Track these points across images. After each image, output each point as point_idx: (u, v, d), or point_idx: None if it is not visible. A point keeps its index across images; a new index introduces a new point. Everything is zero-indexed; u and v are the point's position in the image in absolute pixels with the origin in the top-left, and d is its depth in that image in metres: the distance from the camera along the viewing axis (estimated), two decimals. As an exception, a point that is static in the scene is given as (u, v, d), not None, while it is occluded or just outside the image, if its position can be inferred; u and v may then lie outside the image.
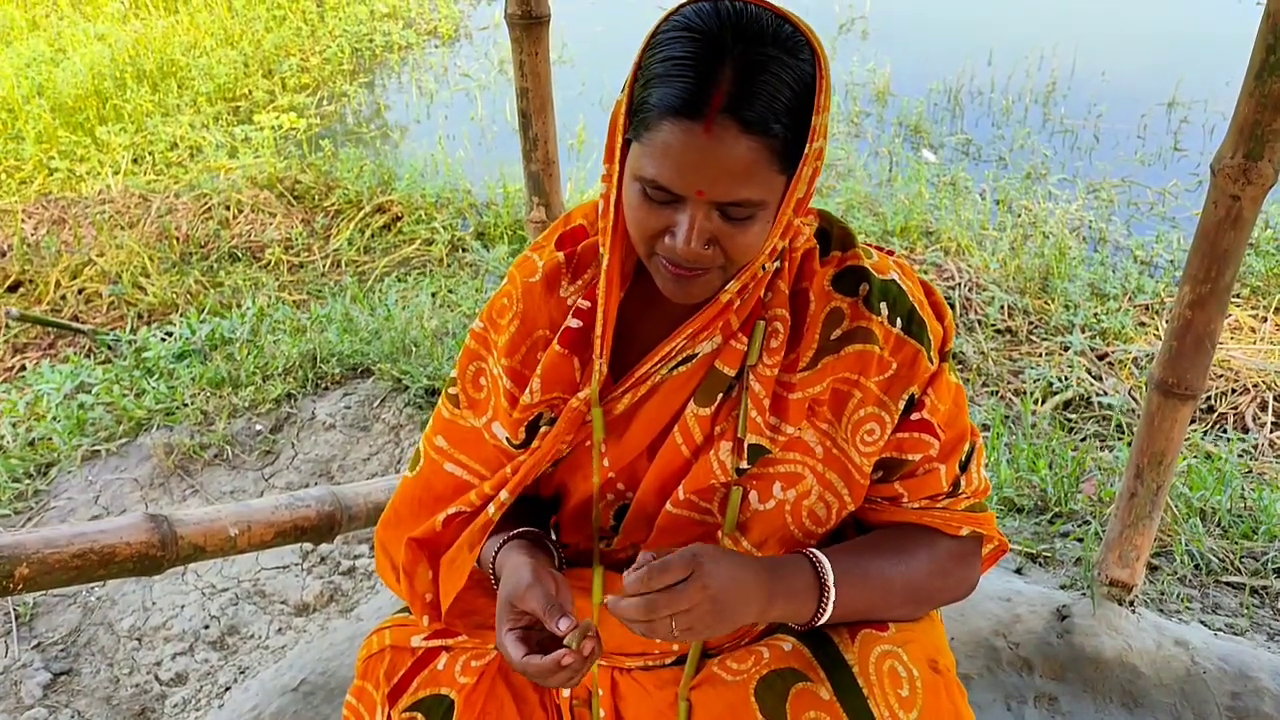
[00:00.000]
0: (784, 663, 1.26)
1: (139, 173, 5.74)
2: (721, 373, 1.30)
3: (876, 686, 1.22)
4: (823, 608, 1.24)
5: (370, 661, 1.53)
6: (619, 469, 1.36)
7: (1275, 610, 2.31)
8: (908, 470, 1.34)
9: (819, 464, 1.31)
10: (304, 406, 3.18)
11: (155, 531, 1.78)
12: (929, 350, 1.31)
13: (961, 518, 1.36)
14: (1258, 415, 3.36)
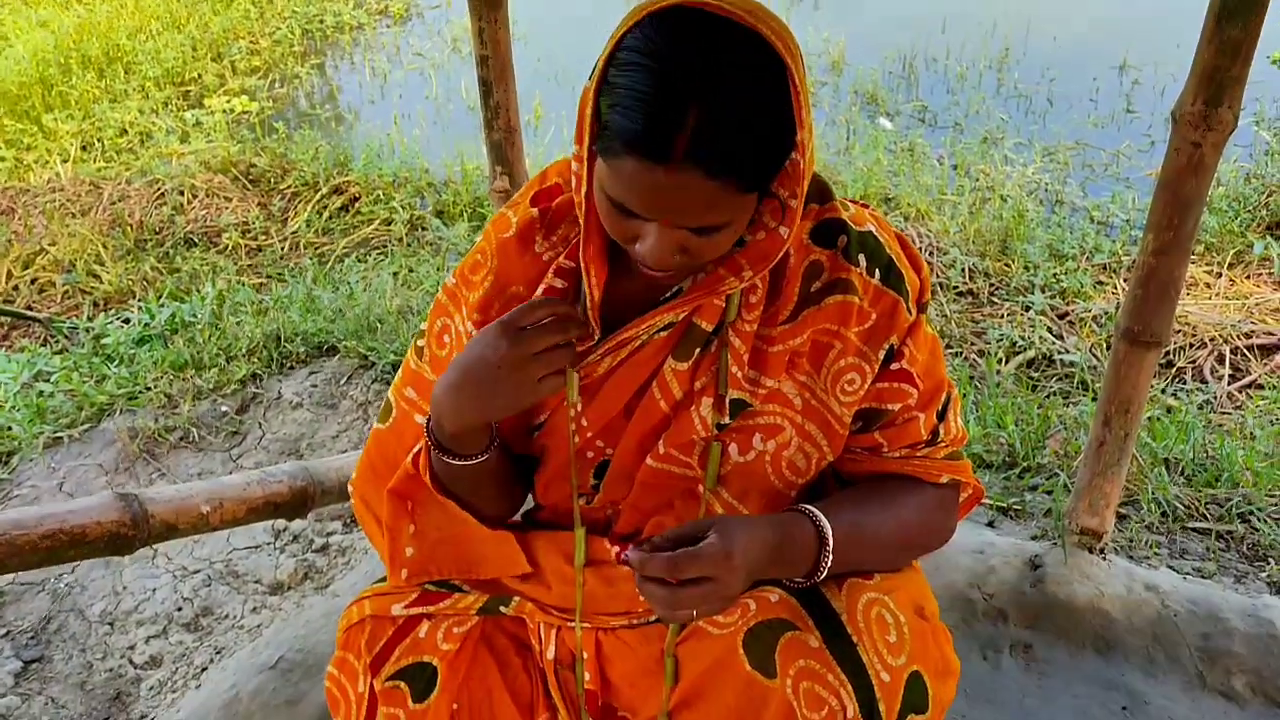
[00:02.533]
0: (771, 613, 1.26)
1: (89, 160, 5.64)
2: (700, 328, 1.30)
3: (865, 633, 1.22)
4: (822, 564, 1.24)
5: (350, 632, 1.52)
6: (598, 428, 1.36)
7: (1241, 553, 2.35)
8: (887, 420, 1.34)
9: (798, 415, 1.31)
10: (270, 386, 3.14)
11: (126, 511, 1.75)
12: (907, 301, 1.31)
13: (941, 466, 1.38)
14: (1215, 368, 3.42)
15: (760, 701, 1.23)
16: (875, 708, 1.19)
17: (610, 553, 1.42)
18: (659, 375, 1.32)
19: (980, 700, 1.99)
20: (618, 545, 1.42)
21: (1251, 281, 3.91)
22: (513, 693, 1.50)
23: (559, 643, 1.47)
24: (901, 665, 1.21)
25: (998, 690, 2.02)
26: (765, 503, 1.35)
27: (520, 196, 1.41)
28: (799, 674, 1.21)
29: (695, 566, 1.13)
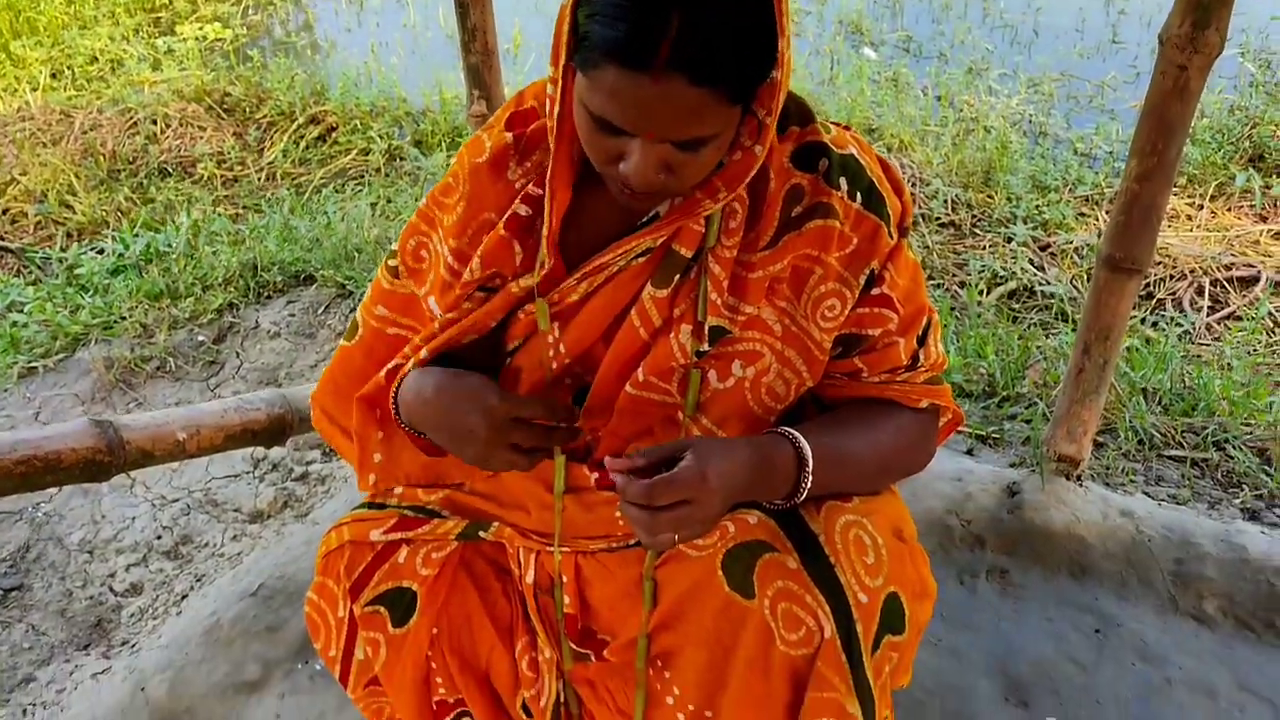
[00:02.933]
0: (750, 535, 1.26)
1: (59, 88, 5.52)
2: (678, 254, 1.28)
3: (843, 555, 1.22)
4: (801, 487, 1.24)
5: (330, 558, 1.52)
6: (575, 355, 1.35)
7: (1215, 480, 2.38)
8: (867, 345, 1.33)
9: (778, 342, 1.30)
10: (247, 315, 3.12)
11: (101, 437, 1.73)
12: (889, 225, 1.29)
13: (921, 390, 1.37)
14: (1195, 300, 3.43)
15: (738, 622, 1.23)
16: (852, 629, 1.20)
17: (589, 479, 1.42)
18: (638, 302, 1.30)
19: (956, 624, 2.02)
20: (597, 471, 1.42)
21: (1233, 214, 3.91)
22: (492, 617, 1.50)
23: (538, 567, 1.48)
24: (879, 587, 1.22)
25: (974, 614, 2.04)
26: (744, 429, 1.34)
27: (495, 119, 1.38)
28: (777, 595, 1.21)
29: (671, 491, 1.13)
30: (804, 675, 1.22)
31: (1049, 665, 1.93)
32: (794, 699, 1.23)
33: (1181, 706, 1.86)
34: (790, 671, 1.22)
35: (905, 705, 1.82)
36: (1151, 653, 1.95)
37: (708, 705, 1.31)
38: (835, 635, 1.19)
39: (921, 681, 1.87)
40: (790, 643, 1.21)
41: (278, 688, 1.91)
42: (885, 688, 1.28)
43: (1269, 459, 2.42)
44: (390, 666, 1.50)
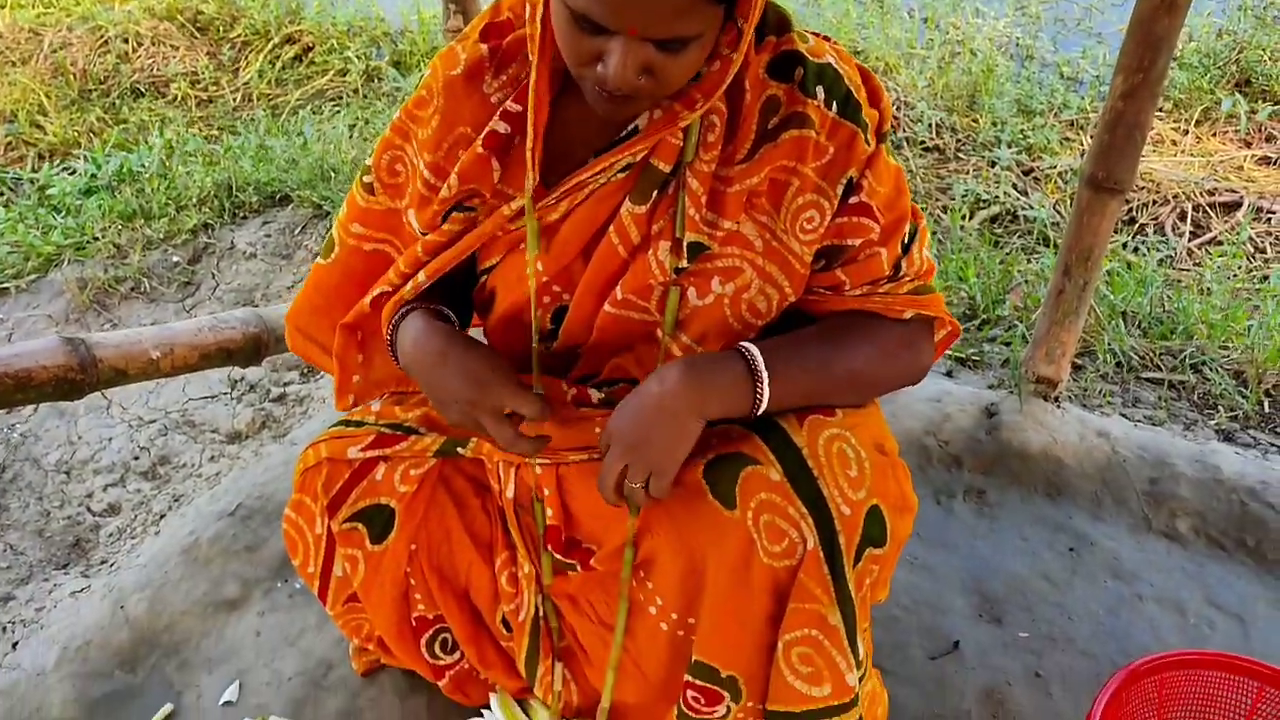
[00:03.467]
0: (733, 448, 1.26)
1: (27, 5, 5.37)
2: (657, 169, 1.26)
3: (826, 467, 1.22)
4: (759, 396, 1.23)
5: (307, 475, 1.51)
6: (554, 273, 1.33)
7: (1191, 403, 2.39)
8: (849, 256, 1.31)
9: (758, 257, 1.29)
10: (222, 236, 3.07)
11: (73, 355, 1.71)
12: (866, 133, 1.27)
13: (905, 301, 1.35)
14: (1177, 225, 3.42)
15: (721, 533, 1.24)
16: (835, 540, 1.20)
17: (567, 394, 1.41)
18: (616, 219, 1.29)
19: (933, 543, 2.03)
20: (575, 388, 1.41)
21: (1218, 139, 3.89)
22: (471, 533, 1.51)
23: (518, 482, 1.48)
24: (861, 499, 1.22)
25: (950, 534, 2.06)
26: (724, 345, 1.33)
27: (470, 29, 1.34)
28: (760, 507, 1.22)
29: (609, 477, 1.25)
30: (786, 586, 1.23)
31: (1023, 582, 1.95)
32: (776, 610, 1.24)
33: (1152, 621, 1.89)
34: (772, 583, 1.23)
35: (881, 621, 1.84)
36: (1124, 570, 1.98)
37: (689, 614, 1.32)
38: (818, 547, 1.20)
39: (897, 598, 1.89)
40: (773, 554, 1.22)
41: (257, 606, 1.92)
42: (866, 600, 1.29)
43: (1245, 381, 2.44)
44: (369, 583, 1.51)
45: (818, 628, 1.22)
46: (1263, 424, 2.34)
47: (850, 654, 1.23)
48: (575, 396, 1.41)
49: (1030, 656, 1.82)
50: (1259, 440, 2.28)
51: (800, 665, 1.24)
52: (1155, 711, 1.65)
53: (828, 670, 1.23)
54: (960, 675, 1.78)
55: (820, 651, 1.22)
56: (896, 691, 1.73)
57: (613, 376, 1.40)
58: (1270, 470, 2.10)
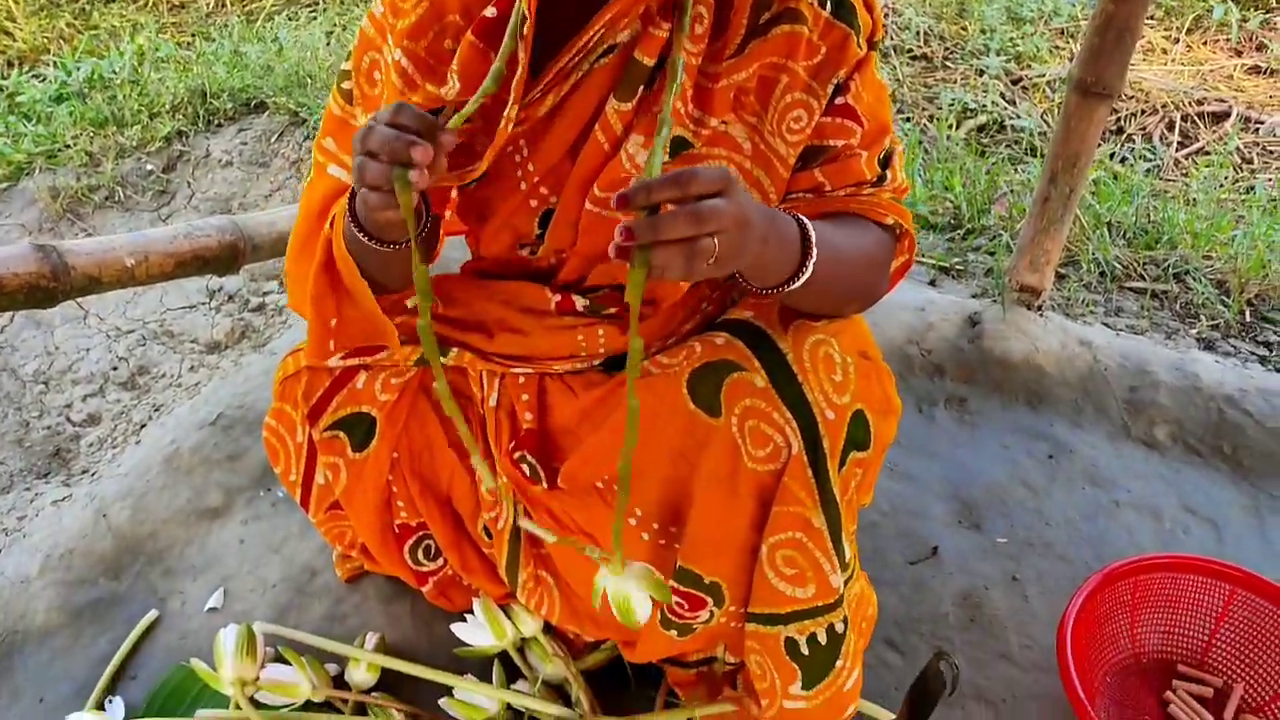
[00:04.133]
0: (717, 355, 1.24)
1: (-11, -95, 5.20)
2: (641, 63, 1.23)
3: (811, 373, 1.21)
4: (805, 266, 1.12)
5: (287, 383, 1.50)
6: (543, 173, 1.30)
7: (1174, 312, 2.39)
8: (829, 157, 1.28)
9: (746, 160, 1.27)
10: (197, 144, 3.01)
11: (45, 261, 1.68)
12: (858, 36, 1.24)
13: (888, 205, 1.33)
14: (1165, 135, 3.39)
15: (704, 440, 1.24)
16: (819, 445, 1.20)
17: (550, 302, 1.40)
18: (601, 116, 1.26)
19: (914, 451, 2.05)
20: (559, 294, 1.39)
21: (1208, 47, 3.84)
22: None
23: (501, 390, 1.47)
24: (846, 404, 1.22)
25: (931, 441, 2.07)
26: None
27: None
28: (744, 413, 1.21)
29: (700, 182, 0.95)
30: (770, 491, 1.23)
31: (1002, 489, 1.97)
32: (760, 514, 1.25)
33: (1128, 527, 1.91)
34: (757, 487, 1.23)
35: (862, 526, 1.85)
36: (1102, 476, 2.00)
37: (672, 523, 1.32)
38: (802, 451, 1.19)
39: (878, 504, 1.91)
40: (757, 459, 1.22)
41: (240, 514, 1.92)
42: (852, 503, 1.29)
43: (1227, 291, 2.44)
44: (351, 490, 1.51)
45: (802, 530, 1.22)
46: (1243, 333, 2.35)
47: (835, 556, 1.23)
48: (560, 304, 1.39)
49: (1008, 561, 1.84)
50: (1239, 349, 2.29)
51: (784, 567, 1.24)
52: (1129, 613, 1.68)
53: (812, 571, 1.24)
54: (939, 580, 1.81)
55: (804, 553, 1.23)
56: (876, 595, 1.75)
57: (599, 283, 1.39)
58: (1249, 378, 2.11)
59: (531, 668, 1.60)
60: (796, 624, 1.27)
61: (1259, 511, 1.94)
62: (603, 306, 1.39)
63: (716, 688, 1.54)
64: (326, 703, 1.60)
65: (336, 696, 1.59)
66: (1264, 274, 2.45)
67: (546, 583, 1.52)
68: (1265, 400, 2.06)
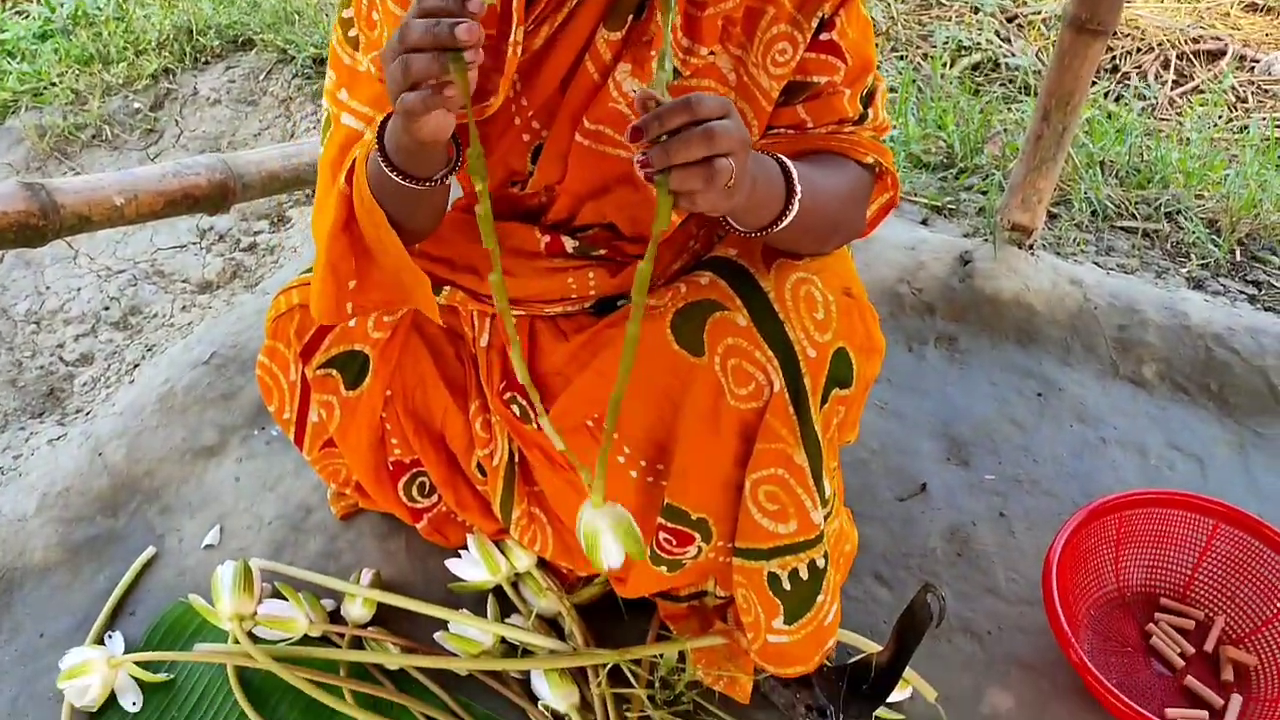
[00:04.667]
0: (701, 295, 1.24)
1: None
2: None
3: (793, 311, 1.22)
4: (790, 206, 1.12)
5: (280, 321, 1.50)
6: (535, 107, 1.29)
7: (1165, 251, 2.40)
8: (812, 92, 1.28)
9: (731, 92, 1.26)
10: (184, 82, 2.98)
11: (33, 200, 1.67)
12: None
13: (868, 144, 1.32)
14: (1160, 73, 3.37)
15: (687, 379, 1.25)
16: (801, 383, 1.21)
17: (540, 243, 1.39)
18: (591, 46, 1.25)
19: (904, 389, 2.06)
20: (548, 235, 1.39)
21: (1205, -16, 3.80)
22: (446, 379, 1.51)
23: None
24: (827, 342, 1.22)
25: (921, 380, 2.08)
26: None
27: None
28: (727, 352, 1.22)
29: (707, 105, 0.95)
30: (753, 428, 1.24)
31: (990, 427, 1.99)
32: (743, 451, 1.26)
33: (1114, 464, 1.93)
34: (740, 424, 1.24)
35: (850, 464, 1.88)
36: (1089, 414, 2.02)
37: (659, 460, 1.34)
38: (784, 389, 1.20)
39: (867, 442, 1.93)
40: (740, 397, 1.23)
41: (235, 453, 1.93)
42: (833, 441, 1.31)
43: (1218, 230, 2.44)
44: (345, 428, 1.52)
45: (784, 467, 1.23)
46: (1233, 272, 2.35)
47: (816, 492, 1.25)
48: (549, 245, 1.39)
49: (995, 498, 1.87)
50: (1228, 288, 2.30)
51: (767, 503, 1.26)
52: (1114, 548, 1.70)
53: (793, 508, 1.25)
54: (927, 515, 1.83)
55: (786, 490, 1.24)
56: (865, 531, 1.77)
57: (589, 221, 1.38)
58: (1237, 317, 2.13)
59: (525, 602, 1.63)
60: (779, 559, 1.29)
61: (1244, 448, 1.96)
62: (592, 247, 1.39)
63: (707, 621, 1.57)
64: (323, 637, 1.63)
65: (333, 631, 1.62)
66: (1255, 213, 2.45)
67: (539, 519, 1.54)
68: (1253, 338, 2.07)
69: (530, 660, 1.52)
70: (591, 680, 1.52)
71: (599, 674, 1.52)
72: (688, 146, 0.93)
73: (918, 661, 1.48)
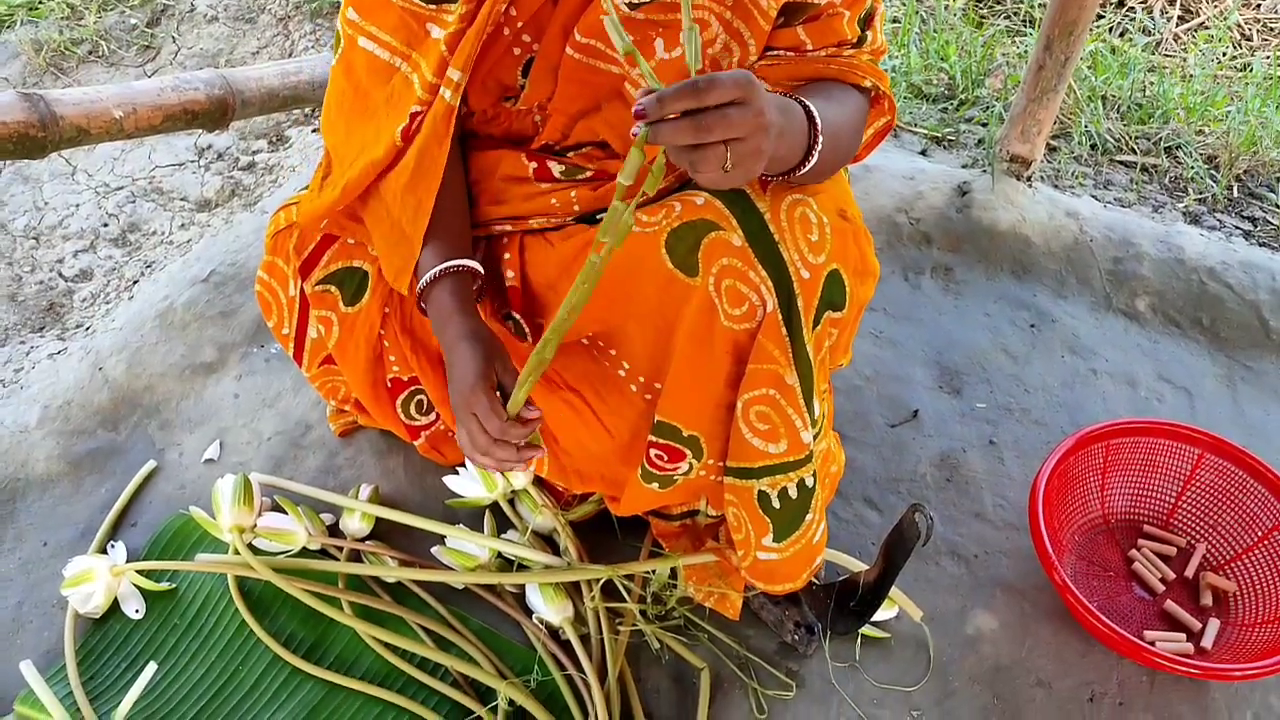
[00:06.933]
0: (696, 214, 1.24)
1: None
2: None
3: (787, 232, 1.22)
4: (811, 153, 1.15)
5: (279, 237, 1.51)
6: (526, 19, 1.29)
7: (1162, 185, 2.40)
8: (811, 14, 1.27)
9: (726, 11, 1.25)
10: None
11: (33, 111, 1.67)
12: None
13: (866, 67, 1.32)
14: (1165, 9, 3.34)
15: (681, 298, 1.25)
16: (794, 303, 1.21)
17: (528, 169, 1.40)
18: None
19: (899, 318, 2.08)
20: (535, 160, 1.39)
21: (1216, -83, 3.75)
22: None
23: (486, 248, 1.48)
24: (821, 264, 1.23)
25: (916, 309, 2.10)
26: None
27: None
28: (721, 272, 1.22)
29: (718, 89, 0.94)
30: (746, 349, 1.25)
31: (983, 356, 2.01)
32: (735, 371, 1.27)
33: (1104, 394, 1.96)
34: (733, 345, 1.25)
35: (844, 390, 1.90)
36: (1081, 346, 2.04)
37: (656, 379, 1.35)
38: (777, 310, 1.21)
39: (860, 369, 1.95)
40: (733, 317, 1.23)
41: (234, 369, 1.95)
42: (824, 363, 1.32)
43: (1217, 166, 2.44)
44: (343, 345, 1.53)
45: (775, 387, 1.24)
46: (1230, 207, 2.36)
47: (806, 413, 1.27)
48: (537, 171, 1.40)
49: (986, 425, 1.89)
50: (1224, 223, 2.31)
51: (758, 423, 1.28)
52: (1100, 475, 1.73)
53: (784, 428, 1.27)
54: (918, 442, 1.86)
55: (777, 410, 1.26)
56: (856, 456, 1.80)
57: (582, 140, 1.38)
58: (1232, 252, 2.14)
59: (521, 518, 1.65)
60: (769, 478, 1.31)
61: (1232, 381, 1.99)
62: (580, 169, 1.39)
63: (699, 539, 1.60)
64: (322, 550, 1.65)
65: (332, 544, 1.64)
66: (1254, 150, 2.46)
67: (536, 442, 1.56)
68: (1246, 273, 2.09)
69: (525, 575, 1.55)
70: (585, 595, 1.56)
71: (592, 589, 1.55)
72: (675, 132, 0.95)
73: (904, 582, 1.52)
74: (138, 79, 2.61)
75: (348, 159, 1.38)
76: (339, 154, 1.41)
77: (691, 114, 0.95)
